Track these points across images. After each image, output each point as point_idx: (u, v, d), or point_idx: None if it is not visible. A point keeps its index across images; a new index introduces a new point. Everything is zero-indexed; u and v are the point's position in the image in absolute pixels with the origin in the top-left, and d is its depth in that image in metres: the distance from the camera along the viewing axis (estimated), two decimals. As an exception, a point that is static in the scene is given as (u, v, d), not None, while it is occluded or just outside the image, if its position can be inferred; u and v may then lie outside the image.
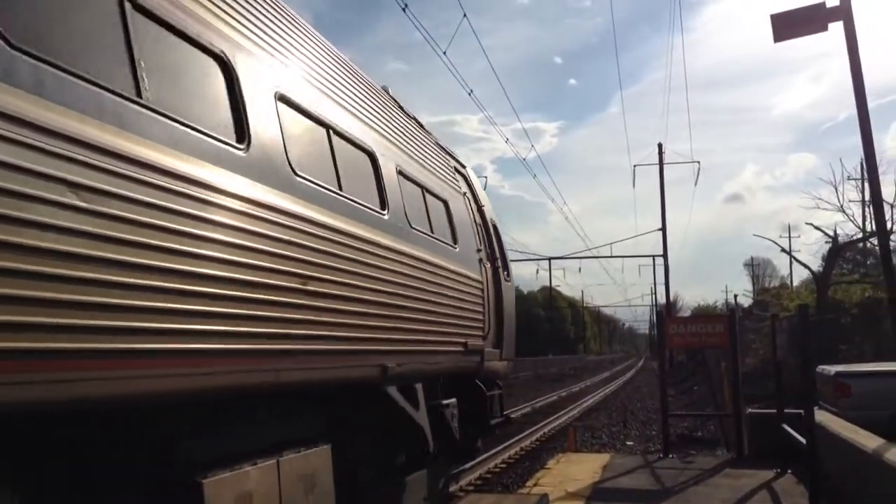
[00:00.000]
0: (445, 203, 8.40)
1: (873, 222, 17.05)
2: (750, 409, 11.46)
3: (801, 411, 8.09)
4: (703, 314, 42.53)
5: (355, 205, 5.61)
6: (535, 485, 9.21)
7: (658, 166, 44.39)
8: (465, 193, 9.54)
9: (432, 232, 7.55)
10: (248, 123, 4.29)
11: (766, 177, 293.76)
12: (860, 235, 30.01)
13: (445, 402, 7.90)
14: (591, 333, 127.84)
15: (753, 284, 74.37)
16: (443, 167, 9.08)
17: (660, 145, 44.91)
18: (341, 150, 5.71)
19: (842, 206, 28.56)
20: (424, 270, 6.92)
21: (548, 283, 77.15)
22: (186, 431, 4.03)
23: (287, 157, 4.70)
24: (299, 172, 4.80)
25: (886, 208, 22.85)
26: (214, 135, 3.95)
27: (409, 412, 6.69)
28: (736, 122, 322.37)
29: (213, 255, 3.79)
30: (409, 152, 7.66)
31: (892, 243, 25.88)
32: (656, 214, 43.55)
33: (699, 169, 62.44)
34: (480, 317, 8.78)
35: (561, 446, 14.03)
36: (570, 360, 70.20)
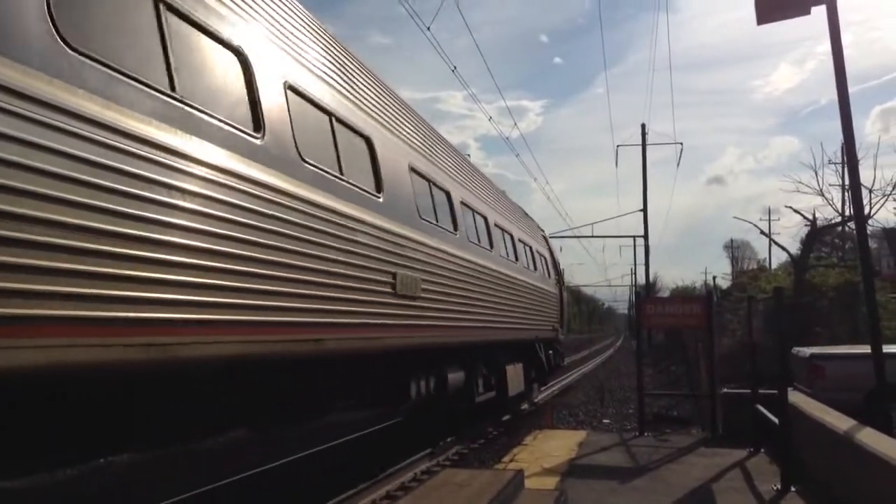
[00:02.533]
0: (544, 256, 18.00)
1: (852, 206, 17.08)
2: (725, 389, 11.60)
3: (775, 392, 8.19)
4: (681, 295, 42.81)
5: (521, 266, 14.53)
6: (511, 461, 9.27)
7: (641, 147, 44.46)
8: (548, 248, 19.52)
9: (545, 274, 17.54)
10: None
11: (748, 160, 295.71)
12: (839, 219, 30.28)
13: (549, 351, 17.99)
14: (571, 313, 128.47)
15: (732, 266, 74.98)
16: (539, 235, 18.97)
17: (643, 126, 44.92)
18: (514, 240, 14.58)
19: (821, 190, 28.85)
20: (541, 294, 16.35)
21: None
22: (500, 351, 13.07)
23: (497, 244, 13.25)
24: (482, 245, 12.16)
25: (864, 193, 23.08)
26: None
27: (540, 354, 16.65)
28: (719, 104, 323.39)
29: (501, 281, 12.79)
30: (534, 236, 17.52)
31: (868, 228, 26.15)
32: (638, 195, 43.70)
33: (681, 150, 62.79)
34: (557, 313, 18.28)
35: (538, 423, 14.15)
36: (550, 339, 70.32)
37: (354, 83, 7.63)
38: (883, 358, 8.49)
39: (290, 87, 6.14)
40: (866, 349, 8.95)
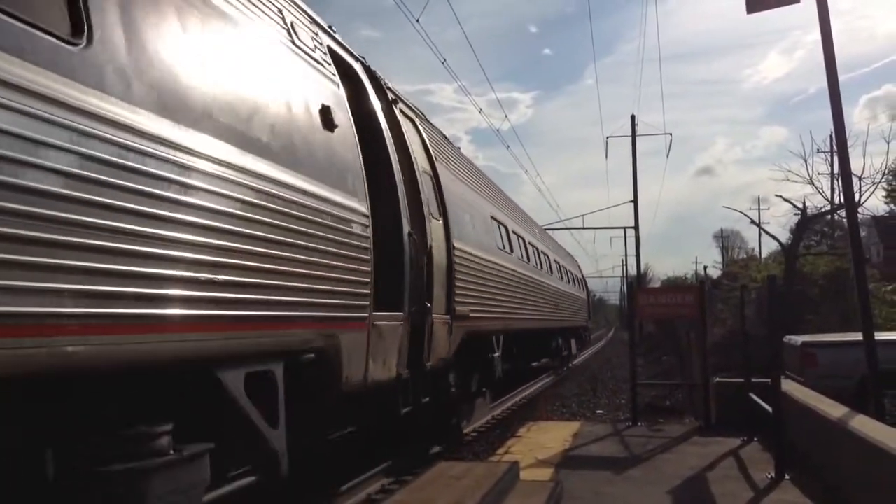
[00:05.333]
0: (577, 276, 30.70)
1: (841, 195, 17.17)
2: (717, 379, 11.63)
3: (768, 380, 8.21)
4: (674, 285, 42.87)
5: (574, 287, 27.57)
6: (505, 453, 9.28)
7: (630, 138, 44.50)
8: (579, 269, 33.94)
9: (582, 288, 31.84)
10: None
11: (737, 150, 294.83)
12: (829, 208, 30.35)
13: (584, 333, 33.64)
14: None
15: (723, 256, 75.10)
16: (576, 263, 33.36)
17: (632, 117, 44.90)
18: (570, 274, 27.75)
19: (811, 179, 28.90)
20: (580, 300, 29.28)
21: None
22: (566, 332, 24.98)
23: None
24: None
25: (854, 181, 23.13)
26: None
27: (581, 334, 31.19)
28: (708, 95, 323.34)
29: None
30: (573, 265, 31.34)
31: (859, 216, 26.21)
32: (628, 186, 43.88)
33: (671, 141, 62.87)
34: (587, 311, 32.60)
35: (532, 415, 14.16)
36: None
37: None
38: (875, 345, 8.53)
39: None
40: (857, 337, 8.99)
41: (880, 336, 9.88)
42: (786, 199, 30.01)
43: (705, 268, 48.22)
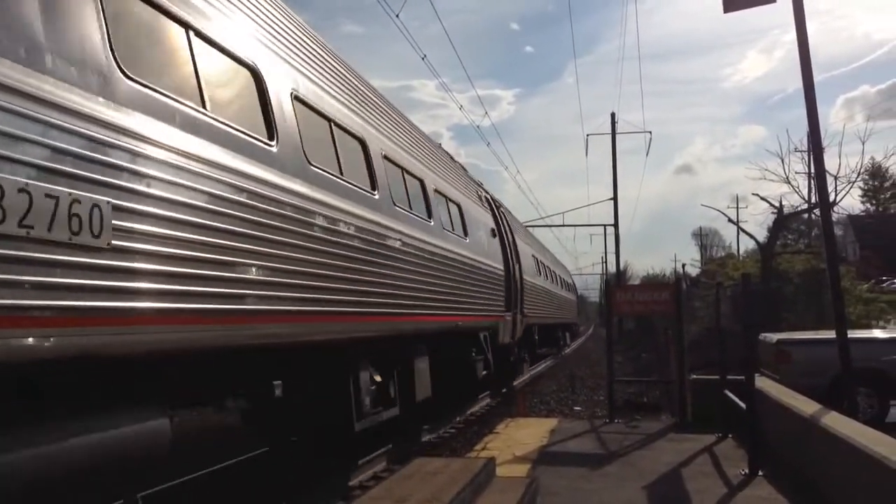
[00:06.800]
0: (568, 283, 39.25)
1: (817, 194, 17.36)
2: (693, 376, 11.70)
3: (743, 377, 8.28)
4: (651, 283, 43.11)
5: (566, 291, 36.13)
6: (483, 449, 9.31)
7: (610, 136, 44.68)
8: (570, 276, 45.12)
9: (573, 291, 43.50)
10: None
11: (716, 148, 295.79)
12: (805, 206, 30.59)
13: (574, 327, 44.47)
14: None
15: (701, 254, 75.69)
16: (567, 271, 43.23)
17: (612, 115, 45.17)
18: (564, 281, 36.98)
19: (787, 178, 29.03)
20: (572, 302, 39.62)
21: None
22: (564, 326, 35.38)
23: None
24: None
25: (830, 180, 23.34)
26: None
27: (573, 328, 43.32)
28: (688, 93, 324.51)
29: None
30: (567, 273, 40.75)
31: (834, 215, 26.48)
32: (608, 184, 44.20)
33: (651, 139, 63.22)
34: (576, 311, 44.99)
35: (510, 411, 14.20)
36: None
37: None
38: (848, 343, 8.62)
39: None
40: (832, 334, 9.08)
41: (854, 334, 9.99)
42: (763, 198, 30.21)
43: (683, 265, 48.49)
